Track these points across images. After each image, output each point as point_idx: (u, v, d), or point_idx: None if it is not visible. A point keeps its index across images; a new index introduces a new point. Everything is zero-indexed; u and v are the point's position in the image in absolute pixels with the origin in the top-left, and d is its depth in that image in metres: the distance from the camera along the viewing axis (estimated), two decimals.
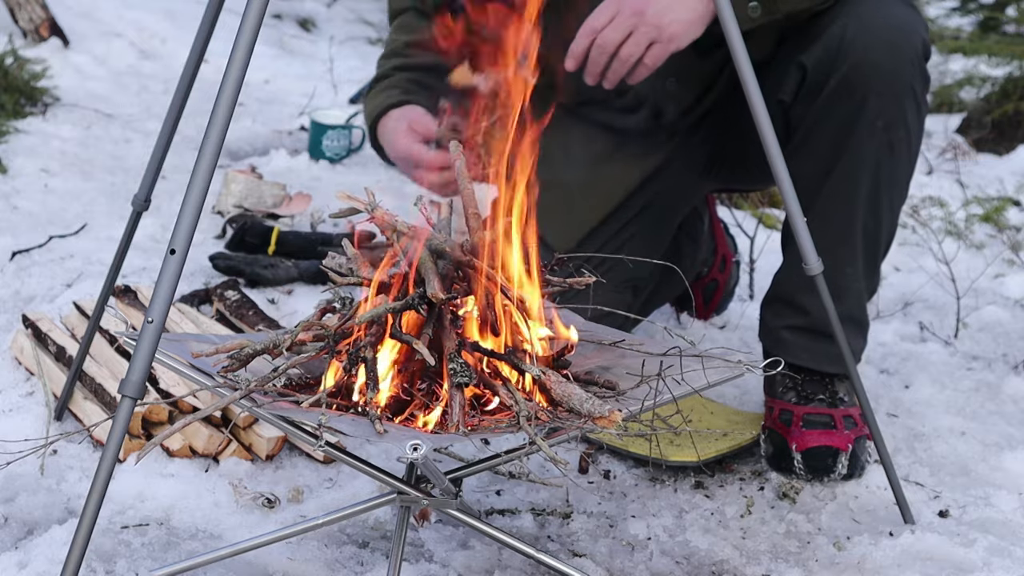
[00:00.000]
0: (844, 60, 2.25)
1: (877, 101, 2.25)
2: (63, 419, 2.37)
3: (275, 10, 6.09)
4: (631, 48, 2.19)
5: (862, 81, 2.25)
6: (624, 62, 2.21)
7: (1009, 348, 3.07)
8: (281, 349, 1.81)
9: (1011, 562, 2.15)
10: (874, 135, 2.27)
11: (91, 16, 5.22)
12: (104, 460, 1.66)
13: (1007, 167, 4.67)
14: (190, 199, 1.65)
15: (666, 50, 2.20)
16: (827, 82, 2.27)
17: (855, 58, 2.24)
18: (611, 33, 2.20)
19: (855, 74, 2.25)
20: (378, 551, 2.08)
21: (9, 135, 3.86)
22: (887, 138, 2.28)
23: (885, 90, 2.25)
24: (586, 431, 1.74)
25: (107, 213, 3.42)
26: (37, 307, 2.82)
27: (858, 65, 2.24)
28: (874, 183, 2.31)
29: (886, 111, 2.26)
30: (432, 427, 1.75)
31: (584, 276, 1.94)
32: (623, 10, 2.20)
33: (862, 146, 2.28)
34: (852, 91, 2.25)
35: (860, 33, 2.24)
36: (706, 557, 2.14)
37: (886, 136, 2.28)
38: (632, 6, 2.19)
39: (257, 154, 4.15)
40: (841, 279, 2.34)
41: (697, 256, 2.90)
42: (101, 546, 2.01)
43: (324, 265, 1.95)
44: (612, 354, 1.98)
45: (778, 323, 2.46)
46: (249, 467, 2.27)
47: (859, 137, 2.28)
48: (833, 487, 2.37)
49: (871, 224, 2.35)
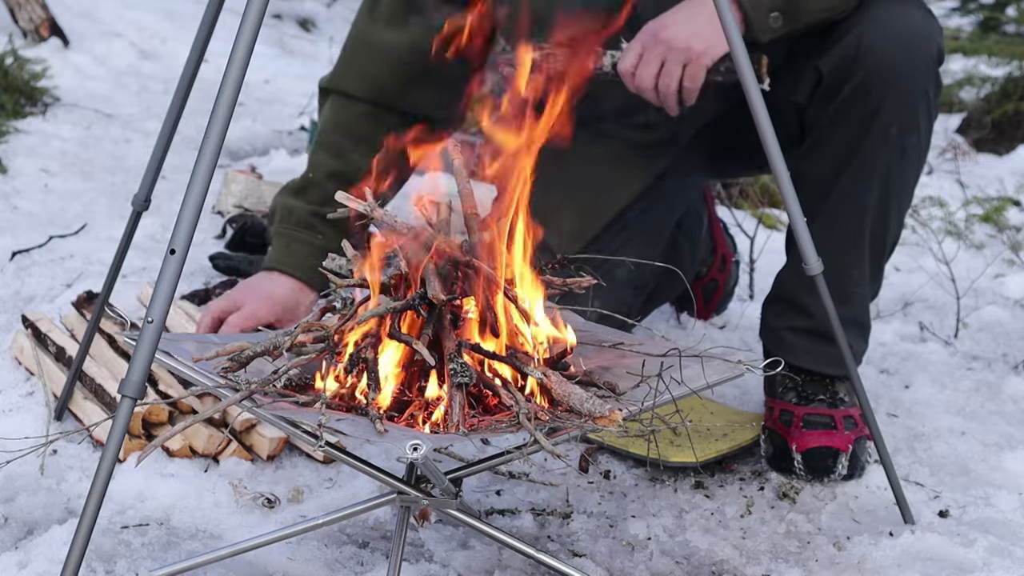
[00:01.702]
0: (861, 66, 2.25)
1: (892, 107, 2.26)
2: (63, 419, 2.37)
3: (275, 10, 6.09)
4: (666, 79, 2.24)
5: (878, 87, 2.25)
6: (667, 94, 2.25)
7: (1009, 348, 3.07)
8: (281, 350, 1.81)
9: (1011, 562, 2.15)
10: (887, 140, 2.28)
11: (91, 16, 5.23)
12: (104, 460, 1.66)
13: (1007, 167, 4.67)
14: (190, 199, 1.65)
15: (700, 67, 2.23)
16: (843, 87, 2.27)
17: (872, 64, 2.24)
18: (644, 70, 2.25)
19: (871, 80, 2.25)
20: (378, 551, 2.08)
21: (9, 135, 3.86)
22: (900, 143, 2.29)
23: (900, 96, 2.26)
24: (586, 431, 1.74)
25: (107, 213, 3.43)
26: (37, 307, 2.82)
27: (875, 71, 2.25)
28: (884, 188, 2.32)
29: (900, 117, 2.27)
30: (432, 427, 1.75)
31: (583, 277, 1.94)
32: (647, 44, 2.24)
33: (875, 151, 2.29)
34: (868, 96, 2.26)
35: (878, 40, 2.25)
36: (706, 557, 2.14)
37: (899, 141, 2.28)
38: (654, 36, 2.23)
39: (257, 154, 4.15)
40: (847, 282, 2.34)
41: (696, 256, 2.90)
42: (101, 546, 2.01)
43: (324, 267, 1.95)
44: (612, 354, 1.98)
45: (780, 324, 2.46)
46: (249, 467, 2.27)
47: (873, 142, 2.28)
48: (833, 487, 2.37)
49: (879, 228, 2.36)
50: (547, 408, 1.77)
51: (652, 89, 2.26)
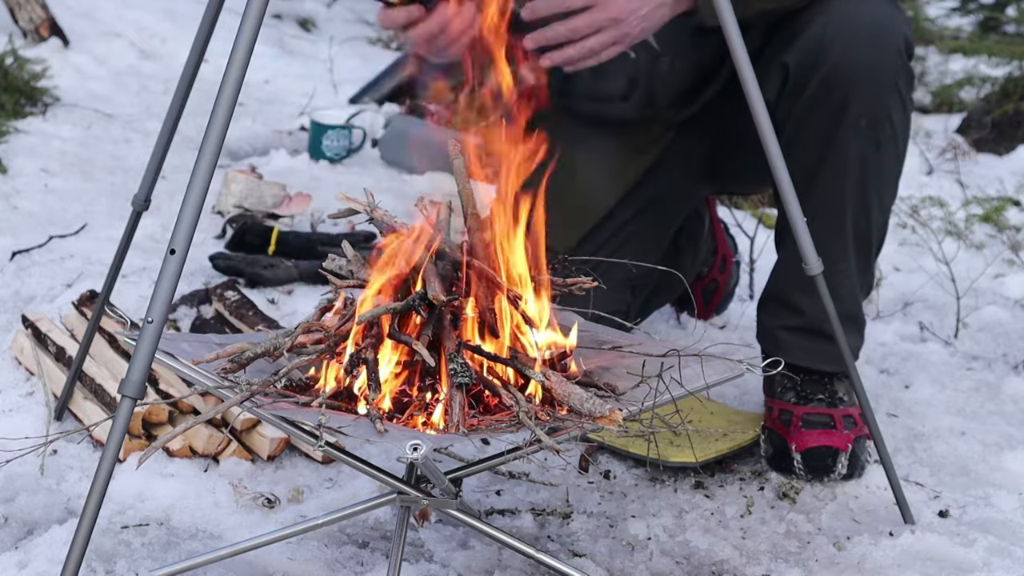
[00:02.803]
0: (825, 60, 2.25)
1: (859, 100, 2.25)
2: (63, 419, 2.37)
3: (275, 10, 6.09)
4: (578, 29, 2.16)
5: (843, 80, 2.24)
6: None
7: (1009, 348, 3.07)
8: (282, 351, 1.81)
9: (1011, 562, 2.15)
10: (858, 133, 2.27)
11: (91, 16, 5.22)
12: (104, 460, 1.66)
13: (1007, 167, 4.66)
14: (190, 199, 1.65)
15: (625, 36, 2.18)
16: (809, 82, 2.27)
17: (835, 58, 2.24)
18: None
19: (835, 74, 2.24)
20: (378, 551, 2.08)
21: (9, 135, 3.86)
22: (873, 136, 2.28)
23: (867, 88, 2.25)
24: (587, 430, 1.75)
25: (107, 213, 3.43)
26: (37, 307, 2.82)
27: (839, 65, 2.24)
28: (861, 181, 2.31)
29: (869, 109, 2.26)
30: (432, 427, 1.75)
31: (583, 278, 1.94)
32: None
33: (847, 144, 2.28)
34: (833, 90, 2.25)
35: (840, 32, 2.24)
36: (706, 557, 2.14)
37: (871, 134, 2.28)
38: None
39: (257, 154, 4.15)
40: (833, 277, 2.34)
41: (697, 256, 2.90)
42: (101, 546, 2.01)
43: (324, 268, 1.95)
44: (612, 354, 1.98)
45: (774, 323, 2.46)
46: (249, 467, 2.27)
47: (843, 135, 2.28)
48: (833, 487, 2.37)
49: (862, 222, 2.35)
50: (547, 408, 1.77)
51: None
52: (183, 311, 2.75)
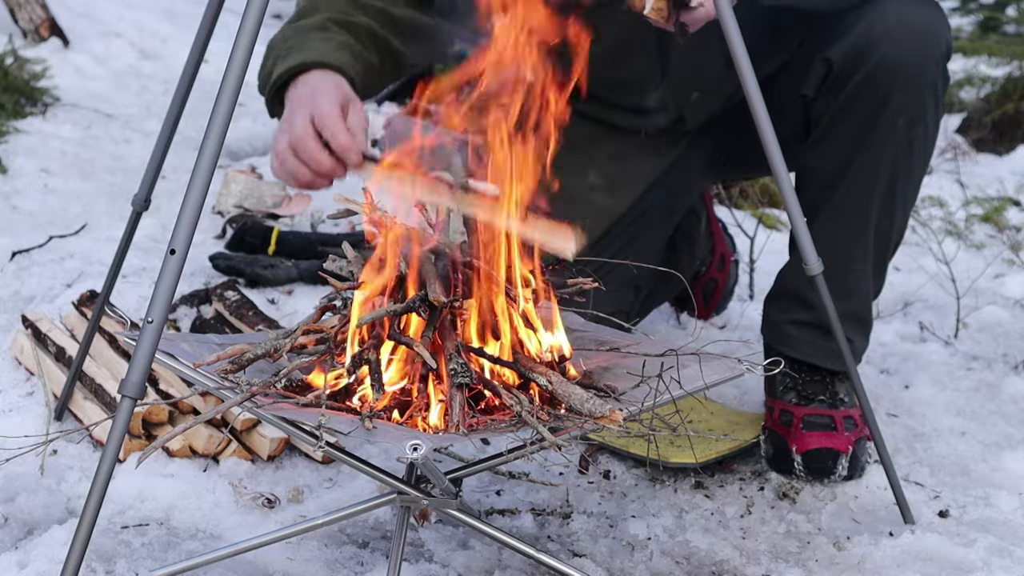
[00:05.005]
0: (870, 56, 2.26)
1: (900, 98, 2.26)
2: (63, 419, 2.37)
3: (275, 10, 6.08)
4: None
5: (887, 78, 2.25)
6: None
7: (1009, 348, 3.07)
8: (282, 352, 1.81)
9: (1011, 562, 2.15)
10: (895, 132, 2.28)
11: (91, 16, 5.23)
12: (104, 460, 1.66)
13: (1007, 167, 4.67)
14: (190, 199, 1.65)
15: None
16: (851, 78, 2.28)
17: (881, 55, 2.25)
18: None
19: (880, 70, 2.25)
20: (378, 551, 2.08)
21: (9, 135, 3.86)
22: (907, 136, 2.29)
23: (908, 88, 2.26)
24: (587, 430, 1.75)
25: (107, 213, 3.43)
26: (37, 307, 2.82)
27: (884, 62, 2.25)
28: (891, 181, 2.32)
29: (908, 108, 2.27)
30: (432, 427, 1.75)
31: (584, 279, 1.94)
32: None
33: (882, 143, 2.29)
34: (876, 87, 2.26)
35: (888, 30, 2.26)
36: (706, 557, 2.14)
37: (907, 134, 2.29)
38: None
39: (257, 154, 4.15)
40: (850, 277, 2.35)
41: (695, 254, 2.89)
42: (101, 546, 2.01)
43: (324, 270, 1.95)
44: (612, 354, 1.98)
45: (783, 317, 2.46)
46: (249, 467, 2.27)
47: (880, 134, 2.28)
48: (833, 487, 2.37)
49: (885, 223, 2.36)
50: (547, 408, 1.77)
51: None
52: (183, 311, 2.75)
